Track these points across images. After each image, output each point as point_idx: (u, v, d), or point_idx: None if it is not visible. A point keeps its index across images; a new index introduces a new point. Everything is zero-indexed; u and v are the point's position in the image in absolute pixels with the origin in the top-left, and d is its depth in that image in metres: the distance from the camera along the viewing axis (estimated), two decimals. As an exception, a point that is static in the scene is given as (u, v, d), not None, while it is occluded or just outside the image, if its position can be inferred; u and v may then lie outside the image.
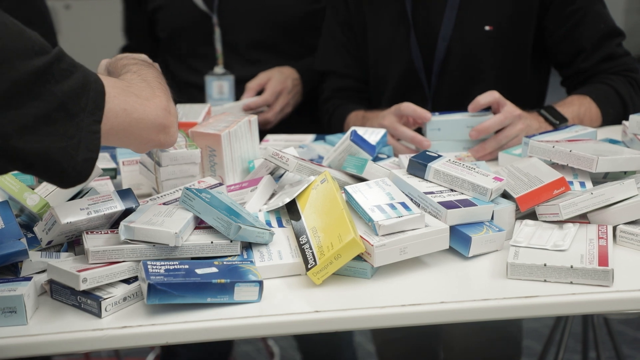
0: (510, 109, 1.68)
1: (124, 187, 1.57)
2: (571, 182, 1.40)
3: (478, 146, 1.71)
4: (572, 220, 1.31)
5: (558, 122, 1.73)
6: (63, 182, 1.14)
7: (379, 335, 2.28)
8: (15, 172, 1.15)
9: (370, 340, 2.98)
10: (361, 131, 1.65)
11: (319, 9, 2.19)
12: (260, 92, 2.12)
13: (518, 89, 1.96)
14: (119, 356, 2.84)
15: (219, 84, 2.18)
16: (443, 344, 2.17)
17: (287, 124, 2.12)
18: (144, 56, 1.41)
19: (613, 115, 1.82)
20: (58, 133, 1.08)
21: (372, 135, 1.66)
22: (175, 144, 1.24)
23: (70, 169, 1.11)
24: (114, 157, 1.66)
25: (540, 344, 2.60)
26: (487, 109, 1.73)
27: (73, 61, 1.12)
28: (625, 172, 1.43)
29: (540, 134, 1.63)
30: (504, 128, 1.68)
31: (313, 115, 2.21)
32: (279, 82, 2.13)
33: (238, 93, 2.18)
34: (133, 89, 1.19)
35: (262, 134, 1.64)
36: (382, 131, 1.69)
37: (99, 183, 1.51)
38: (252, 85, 2.12)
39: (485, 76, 1.95)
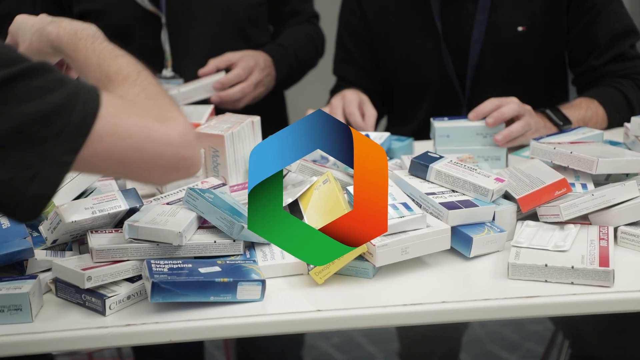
0: (519, 102, 1.67)
1: (128, 187, 1.57)
2: (573, 184, 1.40)
3: (506, 130, 1.64)
4: (573, 221, 1.31)
5: (562, 123, 1.73)
6: (8, 216, 0.98)
7: (405, 335, 2.28)
8: None
9: (372, 342, 2.99)
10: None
11: (261, 2, 2.09)
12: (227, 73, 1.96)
13: (556, 87, 1.95)
14: (121, 356, 2.84)
15: (167, 89, 2.00)
16: (571, 336, 2.10)
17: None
18: (95, 29, 1.19)
19: (620, 119, 1.81)
20: (7, 162, 0.91)
21: (374, 137, 1.66)
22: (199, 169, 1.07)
23: (13, 205, 0.93)
24: (117, 158, 1.66)
25: (542, 347, 2.60)
26: None
27: (59, 78, 0.94)
28: (627, 174, 1.44)
29: (548, 135, 1.64)
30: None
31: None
32: (251, 57, 1.98)
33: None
34: (137, 109, 1.00)
35: (263, 134, 1.64)
36: (385, 134, 1.70)
37: (102, 183, 1.52)
38: (216, 61, 1.95)
39: (522, 77, 1.94)
